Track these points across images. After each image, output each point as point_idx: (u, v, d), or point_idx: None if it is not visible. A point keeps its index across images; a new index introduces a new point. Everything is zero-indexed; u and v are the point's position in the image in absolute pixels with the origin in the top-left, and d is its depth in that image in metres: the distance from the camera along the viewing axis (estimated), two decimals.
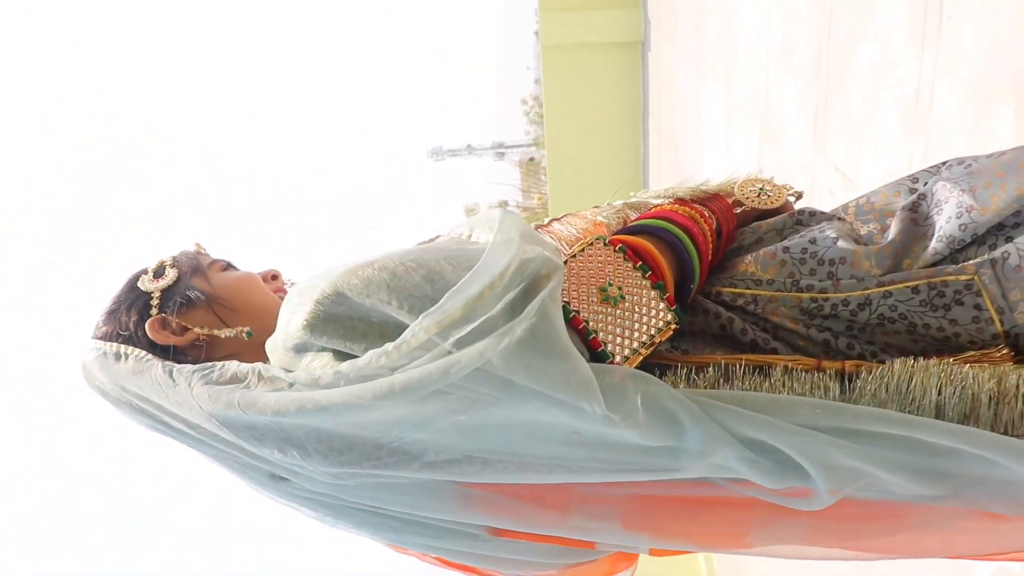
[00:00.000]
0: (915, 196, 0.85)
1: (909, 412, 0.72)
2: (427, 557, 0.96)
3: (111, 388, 0.89)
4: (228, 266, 1.03)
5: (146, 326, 0.92)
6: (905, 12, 2.39)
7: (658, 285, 0.77)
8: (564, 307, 0.73)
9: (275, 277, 1.03)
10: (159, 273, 0.96)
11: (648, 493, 0.78)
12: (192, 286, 0.96)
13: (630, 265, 0.78)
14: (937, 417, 0.71)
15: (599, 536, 0.83)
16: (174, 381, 0.83)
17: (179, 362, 0.88)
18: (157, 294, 0.94)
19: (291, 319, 0.77)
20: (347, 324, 0.73)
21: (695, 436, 0.69)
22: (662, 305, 0.76)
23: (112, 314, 0.95)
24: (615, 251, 0.79)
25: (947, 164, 0.87)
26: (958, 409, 0.71)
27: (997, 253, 0.76)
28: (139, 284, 0.96)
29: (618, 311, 0.75)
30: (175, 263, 0.98)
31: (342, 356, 0.74)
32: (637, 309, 0.75)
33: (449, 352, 0.65)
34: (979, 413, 0.71)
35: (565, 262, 0.78)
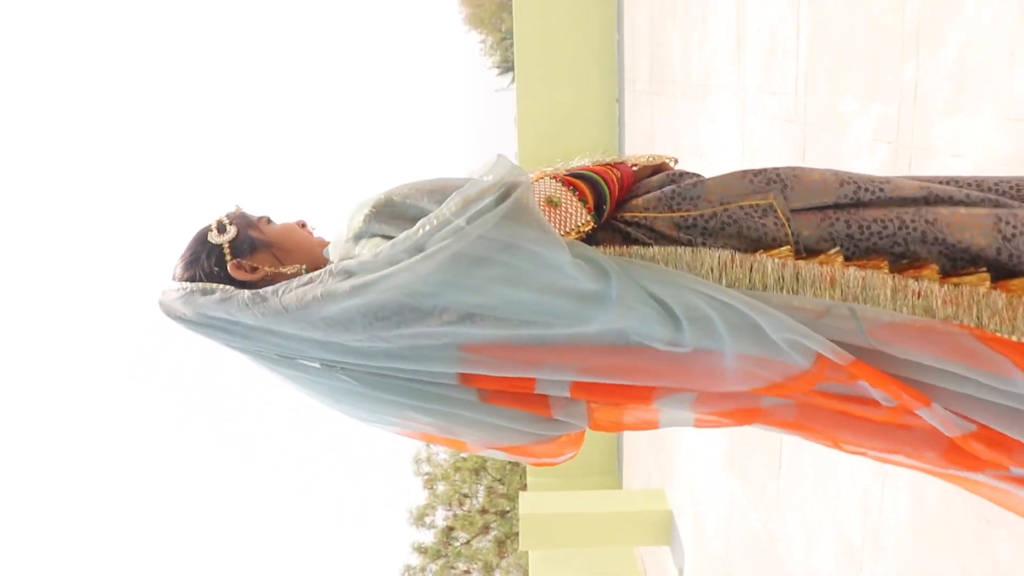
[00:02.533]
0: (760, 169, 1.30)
1: (726, 284, 1.13)
2: (423, 435, 1.29)
3: (193, 315, 1.20)
4: (270, 220, 1.33)
5: (228, 267, 1.23)
6: None
7: (582, 200, 1.21)
8: None
9: (304, 225, 1.34)
10: (222, 229, 1.26)
11: (599, 362, 1.13)
12: (251, 236, 1.27)
13: (566, 188, 1.22)
14: (750, 287, 1.13)
15: (564, 376, 1.17)
16: (263, 298, 1.13)
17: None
18: (227, 245, 1.24)
19: (353, 217, 1.14)
20: (392, 218, 1.11)
21: (615, 284, 1.07)
22: (584, 210, 1.20)
23: (193, 262, 1.25)
24: (558, 181, 1.23)
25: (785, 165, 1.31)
26: (760, 281, 1.14)
27: (787, 186, 1.23)
28: (209, 238, 1.25)
29: (558, 210, 1.18)
30: (232, 220, 1.27)
31: (388, 240, 1.09)
32: (569, 211, 1.19)
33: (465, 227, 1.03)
34: (767, 281, 1.14)
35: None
